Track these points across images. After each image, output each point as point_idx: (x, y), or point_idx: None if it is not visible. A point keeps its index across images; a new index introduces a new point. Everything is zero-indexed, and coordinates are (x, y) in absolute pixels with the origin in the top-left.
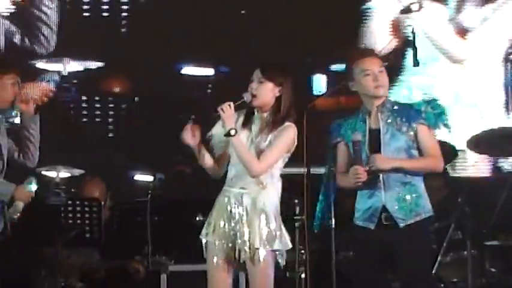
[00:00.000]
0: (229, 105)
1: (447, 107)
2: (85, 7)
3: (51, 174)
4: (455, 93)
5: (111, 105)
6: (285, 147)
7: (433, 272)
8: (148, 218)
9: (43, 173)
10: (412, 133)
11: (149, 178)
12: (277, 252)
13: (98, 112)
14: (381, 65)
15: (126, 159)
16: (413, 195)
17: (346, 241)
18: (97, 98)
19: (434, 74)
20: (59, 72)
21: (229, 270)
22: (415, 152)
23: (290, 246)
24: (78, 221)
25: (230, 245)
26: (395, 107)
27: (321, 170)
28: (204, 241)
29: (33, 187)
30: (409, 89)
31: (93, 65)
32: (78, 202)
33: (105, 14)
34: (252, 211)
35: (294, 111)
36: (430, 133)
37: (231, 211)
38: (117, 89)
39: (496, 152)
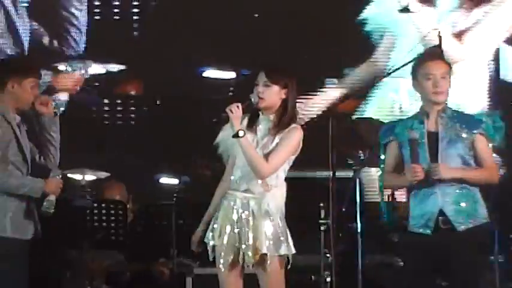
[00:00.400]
0: (238, 106)
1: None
2: (112, 10)
3: (77, 177)
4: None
5: (132, 108)
6: (292, 149)
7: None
8: (174, 221)
9: (69, 175)
10: (470, 141)
11: (174, 181)
12: (284, 257)
13: (120, 115)
14: (445, 70)
15: (151, 162)
16: (470, 200)
17: (400, 247)
18: (119, 101)
19: None
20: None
21: (238, 273)
22: (470, 160)
23: (294, 251)
24: (104, 224)
25: (235, 249)
26: (456, 114)
27: (348, 174)
28: (211, 244)
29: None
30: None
31: (116, 67)
32: (103, 205)
33: (131, 18)
34: (258, 215)
35: (298, 113)
36: (486, 144)
37: (237, 215)
38: (139, 92)
39: None
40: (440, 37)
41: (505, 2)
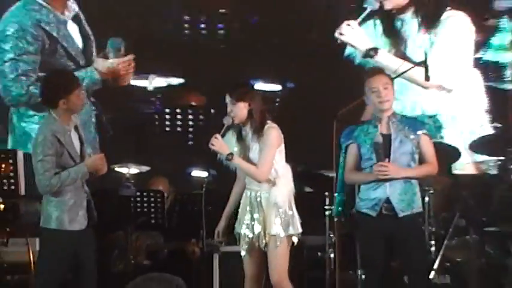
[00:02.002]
0: (216, 137)
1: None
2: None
3: (123, 170)
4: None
5: (190, 117)
6: (273, 145)
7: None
8: (203, 207)
9: (116, 169)
10: (416, 141)
11: (204, 174)
12: (291, 236)
13: (179, 122)
14: (386, 82)
15: (186, 159)
16: (411, 192)
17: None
18: (178, 110)
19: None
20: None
21: (257, 254)
22: (416, 157)
23: (300, 230)
24: (145, 209)
25: (252, 234)
26: (403, 118)
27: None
28: (235, 232)
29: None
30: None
31: (176, 81)
32: (145, 194)
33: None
34: (267, 205)
35: (268, 115)
36: (430, 142)
37: (252, 206)
38: (195, 102)
39: (493, 153)
40: (425, 53)
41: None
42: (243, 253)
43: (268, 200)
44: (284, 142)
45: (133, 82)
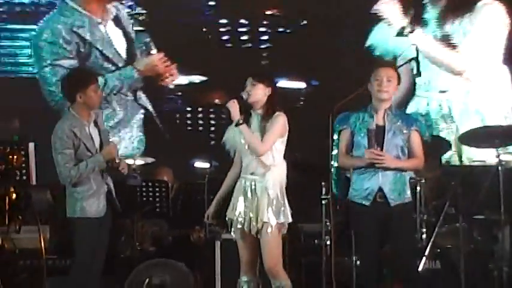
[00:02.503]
0: (233, 101)
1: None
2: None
3: (129, 161)
4: (464, 102)
5: (212, 116)
6: (280, 130)
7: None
8: (206, 197)
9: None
10: (407, 135)
11: (206, 165)
12: (282, 224)
13: (201, 121)
14: (391, 75)
15: (190, 151)
16: (401, 182)
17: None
18: (200, 109)
19: (445, 88)
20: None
21: (250, 239)
22: (406, 150)
23: (290, 220)
24: (151, 198)
25: (244, 220)
26: (398, 112)
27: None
28: (227, 218)
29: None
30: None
31: (197, 79)
32: (150, 183)
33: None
34: (260, 192)
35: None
36: (420, 138)
37: (245, 193)
38: (217, 101)
39: (483, 145)
40: (417, 50)
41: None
42: (234, 238)
43: (262, 187)
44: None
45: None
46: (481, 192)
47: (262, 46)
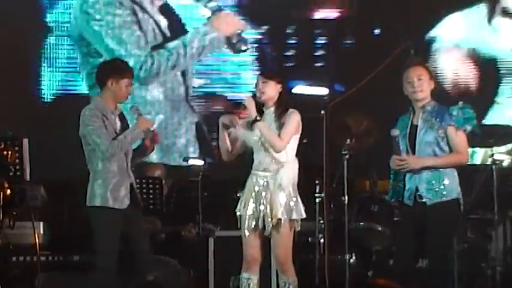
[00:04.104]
0: (250, 98)
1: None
2: None
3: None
4: None
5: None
6: (294, 127)
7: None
8: (200, 194)
9: None
10: (442, 131)
11: (201, 162)
12: (294, 221)
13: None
14: (420, 73)
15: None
16: (439, 180)
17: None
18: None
19: None
20: None
21: (259, 236)
22: (444, 147)
23: (304, 215)
24: (145, 195)
25: (257, 217)
26: (435, 109)
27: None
28: (238, 214)
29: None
30: None
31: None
32: (144, 180)
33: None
34: (273, 188)
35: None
36: (458, 133)
37: (257, 190)
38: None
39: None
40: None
41: None
42: (246, 234)
43: (275, 184)
44: None
45: None
46: (474, 193)
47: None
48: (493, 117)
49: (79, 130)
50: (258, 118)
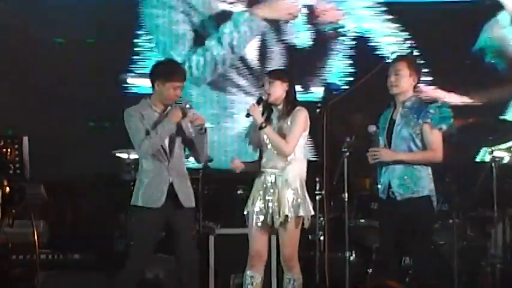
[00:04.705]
0: (253, 104)
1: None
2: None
3: (123, 155)
4: None
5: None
6: (302, 126)
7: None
8: (200, 191)
9: (117, 155)
10: (418, 128)
11: None
12: (301, 218)
13: None
14: (399, 68)
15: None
16: (411, 176)
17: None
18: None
19: None
20: None
21: (266, 233)
22: (419, 143)
23: (312, 212)
24: None
25: (265, 213)
26: (415, 106)
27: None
28: (245, 212)
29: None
30: None
31: None
32: None
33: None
34: (281, 185)
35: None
36: (433, 131)
37: (265, 187)
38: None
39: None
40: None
41: None
42: (253, 230)
43: (283, 181)
44: None
45: None
46: (474, 190)
47: None
48: None
49: None
50: (264, 125)
